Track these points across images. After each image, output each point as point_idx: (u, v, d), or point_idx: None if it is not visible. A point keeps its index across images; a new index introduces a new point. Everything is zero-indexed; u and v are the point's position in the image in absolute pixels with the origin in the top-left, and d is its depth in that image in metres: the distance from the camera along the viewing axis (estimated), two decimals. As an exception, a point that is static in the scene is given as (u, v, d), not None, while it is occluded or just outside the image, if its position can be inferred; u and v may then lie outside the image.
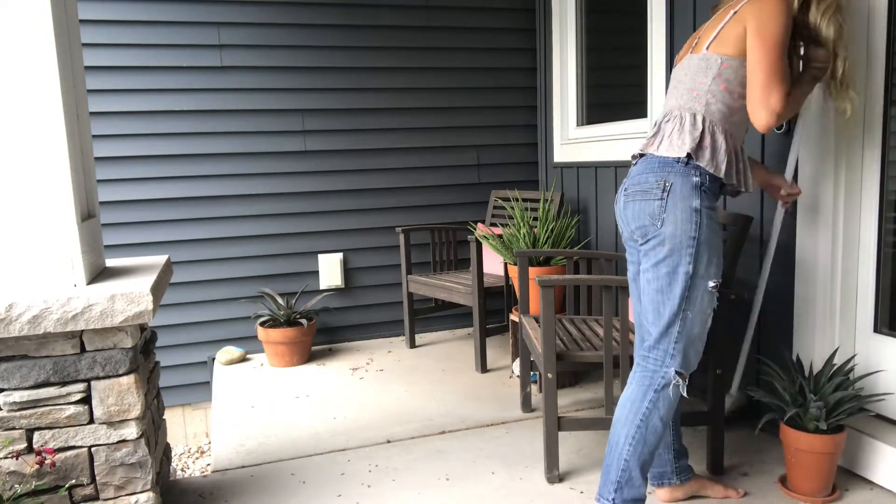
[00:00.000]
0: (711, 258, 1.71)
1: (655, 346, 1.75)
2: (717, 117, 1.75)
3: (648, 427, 1.73)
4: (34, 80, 1.76)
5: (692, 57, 1.82)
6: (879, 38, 2.09)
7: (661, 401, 1.73)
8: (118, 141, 3.46)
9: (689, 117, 1.76)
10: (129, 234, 3.53)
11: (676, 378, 1.73)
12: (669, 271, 1.70)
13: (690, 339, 1.74)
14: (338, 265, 3.87)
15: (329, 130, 3.78)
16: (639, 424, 1.73)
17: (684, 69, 1.84)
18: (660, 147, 1.77)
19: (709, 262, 1.71)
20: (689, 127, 1.74)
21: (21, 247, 1.82)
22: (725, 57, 1.74)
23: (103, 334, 1.82)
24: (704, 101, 1.76)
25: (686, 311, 1.71)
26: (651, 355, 1.76)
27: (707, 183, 1.72)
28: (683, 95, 1.80)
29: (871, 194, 2.16)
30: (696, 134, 1.73)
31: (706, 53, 1.77)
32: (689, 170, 1.71)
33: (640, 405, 1.74)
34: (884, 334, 2.17)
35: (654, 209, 1.72)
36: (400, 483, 2.24)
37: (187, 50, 3.50)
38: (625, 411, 1.76)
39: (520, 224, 3.12)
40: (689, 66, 1.82)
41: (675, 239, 1.69)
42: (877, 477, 2.10)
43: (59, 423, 1.82)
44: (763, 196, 2.46)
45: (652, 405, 1.73)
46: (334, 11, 3.70)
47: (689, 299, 1.70)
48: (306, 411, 2.93)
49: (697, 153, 1.71)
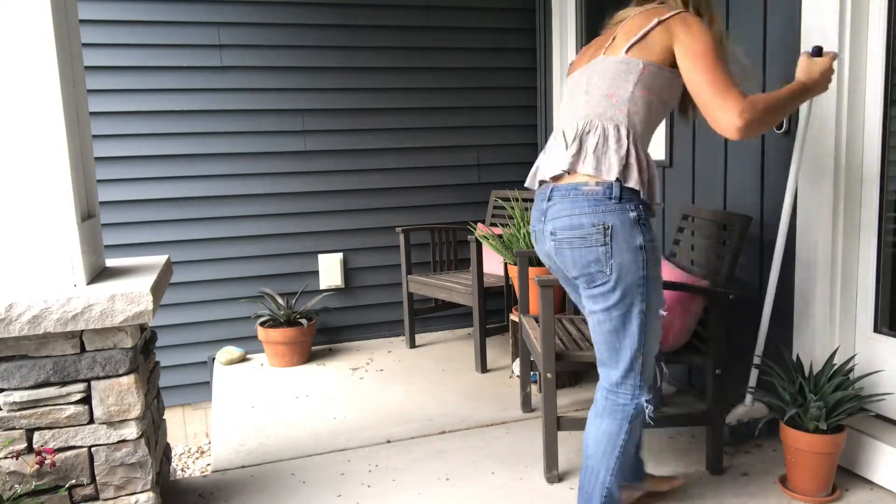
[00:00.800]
0: (659, 288, 1.68)
1: (622, 381, 1.73)
2: (638, 129, 1.64)
3: (626, 454, 1.75)
4: (34, 81, 1.76)
5: (607, 59, 1.66)
6: (879, 37, 2.09)
7: (634, 430, 1.75)
8: (118, 141, 3.46)
9: (613, 130, 1.62)
10: (129, 234, 3.53)
11: (648, 406, 1.75)
12: (623, 313, 1.66)
13: (651, 365, 1.75)
14: (338, 265, 3.87)
15: (329, 130, 3.78)
16: (618, 456, 1.74)
17: (598, 73, 1.66)
18: (585, 164, 1.62)
19: (658, 293, 1.68)
20: (613, 143, 1.61)
21: (21, 247, 1.82)
22: (648, 62, 1.61)
23: (103, 334, 1.82)
24: (626, 111, 1.62)
25: (645, 346, 1.70)
26: (620, 391, 1.74)
27: (643, 214, 1.63)
28: (601, 102, 1.64)
29: (870, 194, 2.16)
30: (622, 152, 1.61)
31: (626, 57, 1.62)
32: (624, 206, 1.60)
33: (617, 439, 1.73)
34: (884, 334, 2.17)
35: (600, 256, 1.62)
36: (400, 483, 2.24)
37: (187, 50, 3.50)
38: (601, 446, 1.74)
39: (520, 224, 3.12)
40: (604, 69, 1.66)
41: (625, 282, 1.62)
42: (877, 477, 2.10)
43: (59, 423, 1.82)
44: (763, 196, 2.46)
45: (627, 436, 1.74)
46: (334, 11, 3.70)
47: (647, 334, 1.69)
48: (306, 411, 2.93)
49: (625, 174, 1.60)
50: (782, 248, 2.26)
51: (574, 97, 1.72)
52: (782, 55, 2.32)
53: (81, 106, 2.03)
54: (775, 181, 2.39)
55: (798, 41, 2.24)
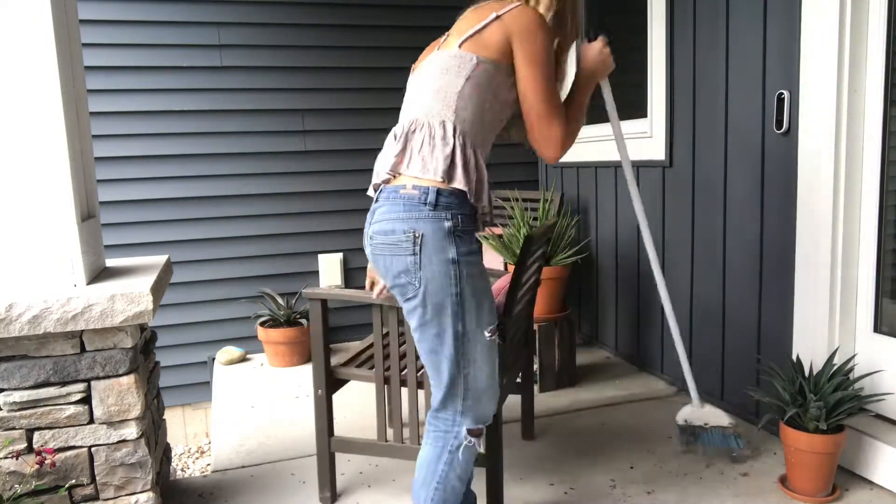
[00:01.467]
0: (481, 306, 1.53)
1: (442, 408, 1.60)
2: (468, 127, 1.52)
3: (447, 488, 1.62)
4: (34, 81, 1.76)
5: (440, 53, 1.56)
6: (879, 37, 2.09)
7: (455, 462, 1.60)
8: (118, 141, 3.46)
9: (439, 127, 1.51)
10: (129, 234, 3.53)
11: (468, 438, 1.59)
12: (437, 332, 1.52)
13: (477, 393, 1.58)
14: (338, 265, 3.87)
15: (329, 130, 3.78)
16: (436, 486, 1.61)
17: (429, 70, 1.57)
18: (410, 165, 1.51)
19: (478, 312, 1.53)
20: (439, 141, 1.50)
21: (21, 247, 1.82)
22: (482, 58, 1.50)
23: (103, 334, 1.82)
24: (454, 108, 1.51)
25: (467, 369, 1.54)
26: (440, 416, 1.61)
27: (461, 224, 1.50)
28: (430, 99, 1.53)
29: (870, 194, 2.16)
30: (447, 150, 1.49)
31: (459, 51, 1.52)
32: (438, 214, 1.48)
33: (436, 466, 1.61)
34: (884, 334, 2.17)
35: (408, 266, 1.49)
36: (400, 483, 2.24)
37: (187, 50, 3.50)
38: (422, 472, 1.63)
39: (520, 224, 3.12)
40: (435, 63, 1.55)
41: (434, 298, 1.49)
42: (877, 477, 2.10)
43: (59, 423, 1.82)
44: (763, 196, 2.46)
45: (448, 466, 1.60)
46: (334, 11, 3.69)
47: (466, 357, 1.53)
48: (306, 411, 2.93)
49: (450, 173, 1.49)
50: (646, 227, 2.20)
51: (408, 96, 1.63)
52: (782, 55, 2.32)
53: (81, 106, 2.03)
54: (776, 181, 2.39)
55: (798, 41, 2.24)
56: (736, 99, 2.53)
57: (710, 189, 2.72)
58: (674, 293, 2.97)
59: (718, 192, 2.67)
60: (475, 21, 1.54)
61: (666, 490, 2.14)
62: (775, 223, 2.41)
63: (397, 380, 2.01)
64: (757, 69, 2.43)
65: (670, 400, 2.90)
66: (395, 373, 2.01)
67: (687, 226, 2.87)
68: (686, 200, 2.86)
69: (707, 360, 2.81)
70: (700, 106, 2.74)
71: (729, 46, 2.55)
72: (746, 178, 2.53)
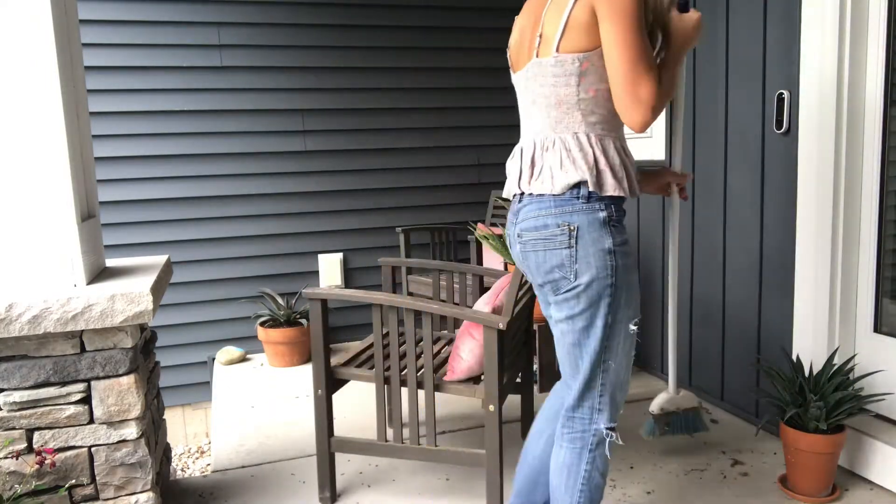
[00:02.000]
0: (631, 298, 1.52)
1: (578, 405, 1.57)
2: (599, 129, 1.48)
3: (592, 487, 1.59)
4: (34, 81, 1.76)
5: (541, 62, 1.48)
6: (879, 37, 2.09)
7: (597, 459, 1.58)
8: (118, 141, 3.46)
9: (573, 140, 1.48)
10: (129, 234, 3.53)
11: (608, 433, 1.58)
12: (585, 325, 1.50)
13: (614, 387, 1.57)
14: (338, 265, 3.87)
15: (329, 130, 3.78)
16: (581, 488, 1.59)
17: (539, 79, 1.50)
18: (554, 184, 1.48)
19: (627, 304, 1.51)
20: (577, 153, 1.47)
21: (21, 247, 1.82)
22: (583, 54, 1.43)
23: (103, 334, 1.82)
24: (580, 118, 1.47)
25: (608, 362, 1.53)
26: (576, 415, 1.58)
27: (614, 214, 1.48)
28: (551, 112, 1.50)
29: (870, 194, 2.16)
30: (589, 159, 1.46)
31: (559, 56, 1.45)
32: (592, 205, 1.46)
33: (578, 468, 1.58)
34: (884, 334, 2.17)
35: (564, 259, 1.48)
36: (400, 483, 2.24)
37: (187, 50, 3.50)
38: (563, 477, 1.59)
39: (520, 224, 3.12)
40: (543, 73, 1.49)
41: (591, 290, 1.47)
42: (877, 477, 2.10)
43: (59, 423, 1.82)
44: (763, 196, 2.46)
45: (591, 465, 1.58)
46: (334, 11, 3.69)
47: (609, 349, 1.52)
48: (306, 411, 2.93)
49: (600, 181, 1.46)
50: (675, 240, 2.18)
51: (524, 108, 1.59)
52: (782, 55, 2.32)
53: (81, 106, 2.03)
54: (776, 181, 2.40)
55: (798, 41, 2.24)
56: (736, 99, 2.53)
57: (711, 189, 2.72)
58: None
59: (718, 192, 2.67)
60: (558, 14, 1.45)
61: (666, 490, 2.14)
62: (775, 223, 2.41)
63: (397, 380, 2.01)
64: (757, 69, 2.43)
65: (670, 400, 2.90)
66: (395, 373, 2.01)
67: (687, 226, 2.87)
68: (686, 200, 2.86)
69: (707, 360, 2.81)
70: (700, 106, 2.74)
71: (729, 46, 2.55)
72: (746, 178, 2.53)
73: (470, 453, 1.97)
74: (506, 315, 1.90)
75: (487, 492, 1.95)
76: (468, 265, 2.58)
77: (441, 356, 2.25)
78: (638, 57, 1.37)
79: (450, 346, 2.38)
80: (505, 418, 2.55)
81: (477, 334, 1.98)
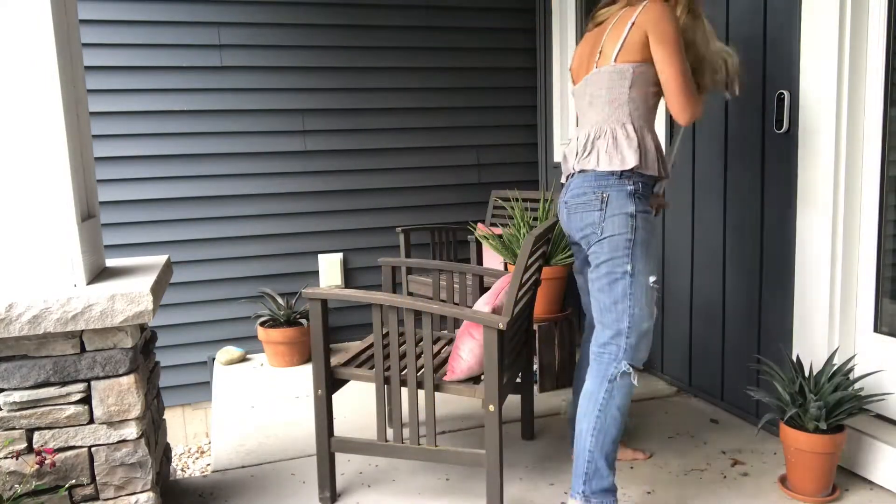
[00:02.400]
0: (648, 255, 1.89)
1: (609, 342, 1.89)
2: (640, 122, 1.92)
3: (607, 417, 1.85)
4: (34, 81, 1.76)
5: (600, 71, 1.93)
6: (879, 37, 2.09)
7: (615, 390, 1.86)
8: (118, 141, 3.46)
9: (621, 130, 1.90)
10: (129, 234, 3.53)
11: (629, 369, 1.87)
12: (610, 271, 1.87)
13: (638, 335, 1.88)
14: (338, 265, 3.87)
15: (329, 130, 3.78)
16: (598, 415, 1.85)
17: (597, 84, 1.94)
18: (599, 163, 1.89)
19: (646, 259, 1.88)
20: (624, 140, 1.88)
21: (21, 247, 1.82)
22: (636, 65, 1.88)
23: (103, 334, 1.82)
24: (628, 111, 1.90)
25: (632, 308, 1.86)
26: (605, 351, 1.89)
27: (641, 189, 1.89)
28: (605, 108, 1.93)
29: (871, 194, 2.16)
30: (634, 145, 1.87)
31: (617, 65, 1.89)
32: (623, 181, 1.88)
33: (597, 396, 1.87)
34: (884, 334, 2.17)
35: (595, 219, 1.90)
36: (400, 483, 2.24)
37: (187, 50, 3.50)
38: (585, 404, 1.89)
39: (520, 224, 3.12)
40: (601, 79, 1.93)
41: (613, 242, 1.86)
42: (877, 477, 2.10)
43: (59, 423, 1.82)
44: (763, 196, 2.46)
45: (608, 395, 1.86)
46: (334, 11, 3.70)
47: (633, 296, 1.86)
48: (306, 411, 2.93)
49: (645, 161, 1.89)
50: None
51: (582, 109, 2.02)
52: (782, 55, 2.32)
53: (81, 106, 2.03)
54: (776, 181, 2.39)
55: (798, 41, 2.24)
56: (736, 99, 2.53)
57: (711, 189, 2.72)
58: (674, 292, 2.97)
59: (719, 191, 2.67)
60: (618, 35, 1.89)
61: (666, 490, 2.14)
62: (775, 223, 2.41)
63: (397, 380, 2.01)
64: (757, 69, 2.43)
65: (670, 400, 2.90)
66: (395, 373, 2.01)
67: (687, 225, 2.87)
68: (686, 200, 2.86)
69: (707, 359, 2.81)
70: (700, 106, 2.73)
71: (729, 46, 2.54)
72: (746, 178, 2.53)
73: (470, 453, 1.97)
74: (506, 315, 1.90)
75: (487, 492, 1.95)
76: (468, 265, 2.58)
77: (441, 356, 2.25)
78: (681, 74, 1.84)
79: (450, 346, 2.38)
80: (505, 418, 2.54)
81: (477, 334, 1.98)
